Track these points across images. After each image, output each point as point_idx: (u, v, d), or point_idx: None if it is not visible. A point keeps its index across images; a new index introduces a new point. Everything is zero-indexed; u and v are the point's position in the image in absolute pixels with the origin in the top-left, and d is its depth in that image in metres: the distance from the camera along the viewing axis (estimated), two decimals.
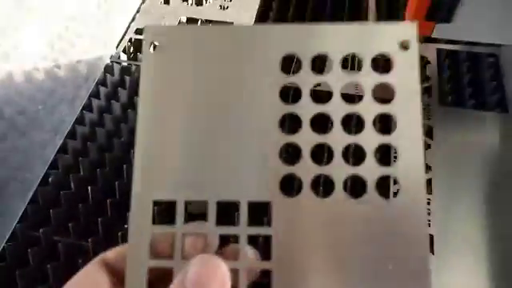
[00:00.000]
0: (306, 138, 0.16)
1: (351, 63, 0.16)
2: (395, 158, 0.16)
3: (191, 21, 0.58)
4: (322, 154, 0.16)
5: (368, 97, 0.16)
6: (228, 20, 0.57)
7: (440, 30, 0.40)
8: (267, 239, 0.16)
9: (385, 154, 0.16)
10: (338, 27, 0.17)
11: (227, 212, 0.16)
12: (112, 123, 0.48)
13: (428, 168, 0.41)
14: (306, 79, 0.16)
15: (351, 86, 0.17)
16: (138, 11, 0.59)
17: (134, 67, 0.53)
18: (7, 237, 0.40)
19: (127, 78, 0.51)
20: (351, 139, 0.16)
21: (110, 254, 0.18)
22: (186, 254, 0.16)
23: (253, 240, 0.16)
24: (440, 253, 0.36)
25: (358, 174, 0.16)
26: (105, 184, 0.43)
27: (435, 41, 0.53)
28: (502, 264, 0.35)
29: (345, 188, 0.16)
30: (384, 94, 0.17)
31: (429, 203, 0.39)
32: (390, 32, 0.16)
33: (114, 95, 0.50)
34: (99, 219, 0.40)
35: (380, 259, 0.15)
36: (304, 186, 0.16)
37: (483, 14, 0.38)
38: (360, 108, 0.16)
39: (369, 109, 0.16)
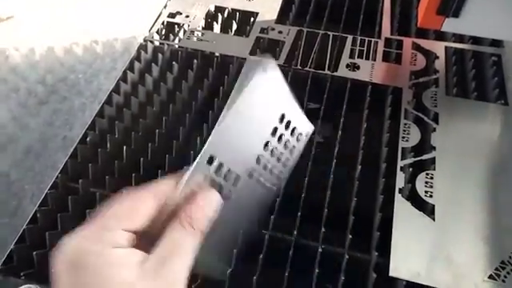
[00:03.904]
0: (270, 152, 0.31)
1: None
2: None
3: (219, 9, 0.63)
4: None
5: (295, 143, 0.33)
6: (253, 10, 0.62)
7: (449, 25, 0.45)
8: None
9: None
10: None
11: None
12: (145, 95, 0.53)
13: (433, 148, 0.46)
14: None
15: None
16: None
17: (166, 47, 0.57)
18: (49, 186, 0.44)
19: (160, 56, 0.56)
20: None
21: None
22: None
23: None
24: (440, 220, 0.40)
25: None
26: (138, 146, 0.47)
27: (444, 39, 0.57)
28: (494, 230, 0.40)
29: None
30: None
31: (432, 178, 0.44)
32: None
33: (148, 70, 0.55)
34: (133, 175, 0.44)
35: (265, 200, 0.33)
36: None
37: (490, 11, 0.42)
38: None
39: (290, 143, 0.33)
